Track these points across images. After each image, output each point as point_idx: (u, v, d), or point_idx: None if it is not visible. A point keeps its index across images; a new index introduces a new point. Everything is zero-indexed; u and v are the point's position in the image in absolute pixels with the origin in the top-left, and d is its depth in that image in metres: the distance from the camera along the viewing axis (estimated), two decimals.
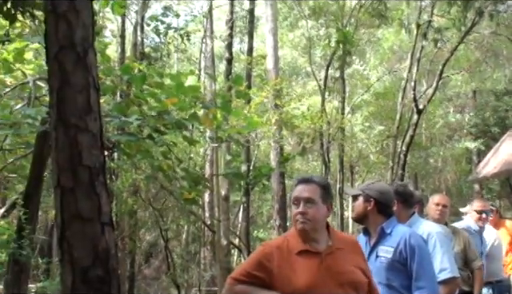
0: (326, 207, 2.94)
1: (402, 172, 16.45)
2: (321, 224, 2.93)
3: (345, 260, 2.89)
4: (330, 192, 2.99)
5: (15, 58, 6.80)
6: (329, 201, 2.96)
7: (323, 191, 2.95)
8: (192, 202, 7.64)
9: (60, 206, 3.04)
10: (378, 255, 3.64)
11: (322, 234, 2.93)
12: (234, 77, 6.66)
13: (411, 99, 17.15)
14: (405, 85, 18.52)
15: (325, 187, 2.97)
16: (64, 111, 3.02)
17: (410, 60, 17.52)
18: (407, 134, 16.74)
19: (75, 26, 3.04)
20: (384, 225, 3.66)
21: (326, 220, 2.98)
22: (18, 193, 10.15)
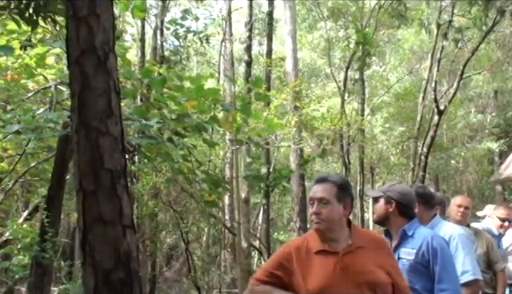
0: (343, 206, 2.87)
1: (422, 173, 16.30)
2: (337, 224, 2.87)
3: (365, 259, 2.81)
4: (347, 191, 2.91)
5: (37, 63, 6.87)
6: (346, 200, 2.89)
7: (339, 190, 2.89)
8: (212, 204, 7.66)
9: (82, 209, 3.06)
10: (399, 257, 3.60)
11: (341, 233, 2.88)
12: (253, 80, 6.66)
13: (432, 100, 17.01)
14: (425, 86, 18.37)
15: (341, 185, 2.90)
16: (85, 115, 3.04)
17: (431, 60, 17.38)
18: (428, 135, 16.59)
19: (96, 30, 3.06)
20: (406, 227, 3.62)
21: (344, 219, 2.90)
22: (40, 197, 10.25)
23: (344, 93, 18.39)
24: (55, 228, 7.25)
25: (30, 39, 6.34)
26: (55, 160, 7.45)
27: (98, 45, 3.06)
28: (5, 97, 8.67)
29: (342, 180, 2.97)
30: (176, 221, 14.63)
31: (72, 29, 3.09)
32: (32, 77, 7.33)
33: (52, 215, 7.06)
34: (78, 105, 3.06)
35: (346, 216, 2.91)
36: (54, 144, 7.83)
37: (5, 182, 9.37)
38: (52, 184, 7.38)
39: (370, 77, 23.57)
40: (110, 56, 3.11)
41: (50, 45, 6.54)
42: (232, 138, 8.10)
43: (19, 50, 6.46)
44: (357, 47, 17.01)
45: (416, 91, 21.82)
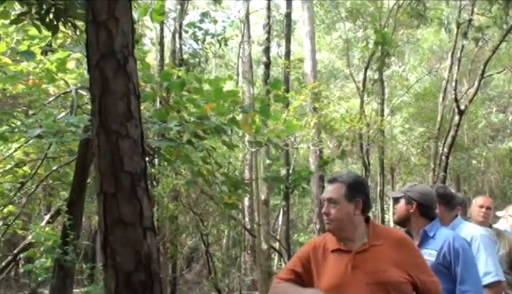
0: (354, 205, 2.83)
1: (443, 174, 16.13)
2: (347, 223, 2.84)
3: (379, 258, 2.76)
4: (358, 189, 2.86)
5: (58, 68, 6.95)
6: (357, 199, 2.84)
7: (348, 189, 2.85)
8: (232, 207, 7.66)
9: (103, 211, 3.09)
10: None
11: (356, 232, 2.85)
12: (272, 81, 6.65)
13: (452, 99, 16.83)
14: (445, 86, 18.21)
15: (351, 184, 2.86)
16: (105, 118, 3.07)
17: (451, 60, 17.22)
18: (449, 135, 16.41)
19: (115, 34, 3.09)
20: (427, 228, 3.59)
21: (358, 218, 2.85)
22: (62, 200, 10.36)
23: (363, 93, 18.28)
24: (77, 230, 7.33)
25: (51, 44, 6.41)
26: (76, 163, 7.53)
27: (117, 49, 3.09)
28: (26, 101, 8.79)
29: (353, 178, 2.90)
30: (196, 223, 14.67)
31: (92, 34, 3.12)
32: (53, 82, 7.41)
33: (74, 218, 7.14)
34: (98, 108, 3.09)
35: (357, 214, 2.85)
36: (75, 148, 7.91)
37: (27, 186, 9.49)
38: (73, 187, 7.46)
39: (390, 78, 23.42)
40: (130, 59, 3.14)
41: (71, 49, 6.61)
42: (251, 140, 8.10)
43: (40, 55, 6.54)
44: (376, 47, 16.90)
45: (436, 91, 21.64)
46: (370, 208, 2.94)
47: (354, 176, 2.93)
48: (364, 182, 2.96)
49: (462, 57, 16.62)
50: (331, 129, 14.70)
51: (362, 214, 2.88)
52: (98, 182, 3.11)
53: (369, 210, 2.92)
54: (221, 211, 14.46)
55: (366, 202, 2.88)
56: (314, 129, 13.45)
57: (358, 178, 2.95)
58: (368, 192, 2.93)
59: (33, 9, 4.38)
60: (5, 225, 9.36)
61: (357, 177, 2.94)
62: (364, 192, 2.89)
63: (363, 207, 2.86)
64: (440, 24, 18.12)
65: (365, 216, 2.90)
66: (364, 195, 2.88)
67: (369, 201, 2.91)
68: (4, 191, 9.51)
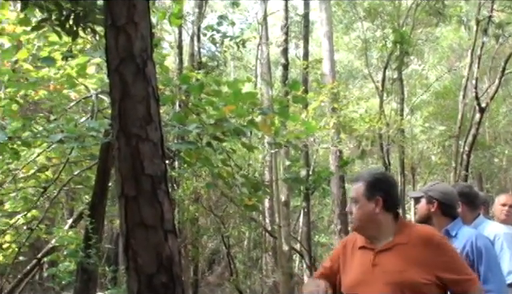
0: (374, 203, 2.81)
1: (465, 172, 15.96)
2: (369, 222, 2.82)
3: (401, 257, 2.71)
4: (377, 187, 2.83)
5: (78, 73, 7.01)
6: (376, 197, 2.81)
7: (368, 187, 2.84)
8: (252, 208, 7.66)
9: (124, 214, 3.11)
10: None
11: (381, 230, 2.82)
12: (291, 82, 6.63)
13: (473, 97, 16.66)
14: (466, 84, 18.01)
15: (371, 182, 2.84)
16: (125, 122, 3.09)
17: (471, 57, 17.03)
18: (470, 134, 16.23)
19: (134, 38, 3.11)
20: (449, 227, 3.56)
21: (381, 216, 2.81)
22: (84, 204, 10.44)
23: (382, 93, 18.18)
24: (99, 234, 7.37)
25: (71, 50, 6.48)
26: (98, 167, 7.58)
27: (136, 53, 3.11)
28: (48, 107, 8.87)
29: (373, 176, 2.88)
30: (217, 226, 14.72)
31: (111, 38, 3.14)
32: (74, 87, 7.48)
33: (96, 221, 7.17)
34: (118, 112, 3.11)
35: (380, 213, 2.81)
36: (96, 152, 7.97)
37: (50, 191, 9.57)
38: (95, 191, 7.51)
39: (409, 77, 23.25)
40: (149, 63, 3.16)
41: (90, 55, 6.67)
42: (271, 141, 8.09)
43: (61, 61, 6.61)
44: (394, 46, 16.79)
45: (456, 89, 21.43)
46: (396, 205, 2.88)
47: (375, 174, 2.90)
48: (385, 179, 2.89)
49: (482, 54, 16.43)
50: (351, 129, 14.61)
51: (388, 212, 2.83)
52: (119, 185, 3.13)
53: (395, 207, 2.86)
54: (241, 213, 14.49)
55: (388, 200, 2.83)
56: (334, 129, 13.40)
57: (379, 176, 2.90)
58: (390, 189, 2.87)
59: (53, 16, 4.43)
60: (29, 230, 9.46)
61: (377, 175, 2.90)
62: (384, 190, 2.84)
63: (384, 205, 2.82)
64: (459, 21, 17.93)
65: (392, 213, 2.85)
66: (384, 192, 2.83)
67: (392, 199, 2.85)
68: (27, 196, 9.61)
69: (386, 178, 2.91)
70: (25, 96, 7.66)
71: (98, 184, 7.48)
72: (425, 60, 24.40)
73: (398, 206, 2.91)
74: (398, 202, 2.90)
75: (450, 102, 22.14)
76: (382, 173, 2.98)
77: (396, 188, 2.93)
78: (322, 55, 16.27)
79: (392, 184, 2.90)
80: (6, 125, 6.47)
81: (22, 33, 6.70)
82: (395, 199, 2.87)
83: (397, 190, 2.94)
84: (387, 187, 2.87)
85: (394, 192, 2.89)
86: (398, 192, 2.95)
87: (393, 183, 2.92)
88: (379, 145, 17.99)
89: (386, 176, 2.95)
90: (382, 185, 2.85)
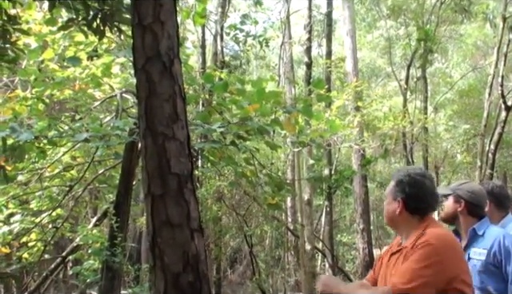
0: (398, 202, 2.84)
1: (490, 171, 15.73)
2: (394, 221, 2.89)
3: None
4: (403, 187, 2.85)
5: (103, 73, 7.06)
6: (400, 197, 2.84)
7: (395, 186, 2.88)
8: (275, 207, 7.65)
9: (151, 213, 3.11)
10: (470, 257, 3.49)
11: (405, 232, 2.86)
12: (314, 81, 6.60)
13: (498, 95, 16.41)
14: (491, 82, 17.74)
15: (398, 182, 2.87)
16: (152, 120, 3.09)
17: (496, 55, 16.76)
18: (495, 132, 15.99)
19: (160, 37, 3.11)
20: (476, 226, 3.52)
21: (404, 216, 2.84)
22: (108, 203, 10.52)
23: (406, 91, 18.04)
24: (124, 232, 7.42)
25: (96, 50, 6.52)
26: (122, 166, 7.63)
27: (162, 52, 3.11)
28: (73, 106, 8.95)
29: (401, 175, 2.89)
30: (239, 225, 14.72)
31: (138, 37, 3.15)
32: (98, 87, 7.54)
33: (120, 220, 7.23)
34: (144, 111, 3.11)
35: (402, 214, 2.84)
36: (120, 151, 8.02)
37: (74, 189, 9.65)
38: (119, 190, 7.56)
39: (433, 75, 23.03)
40: (175, 62, 3.16)
41: (115, 54, 6.71)
42: (294, 140, 8.06)
43: (86, 61, 6.66)
44: (418, 44, 16.65)
45: (481, 87, 21.16)
46: (419, 208, 2.84)
47: (403, 174, 2.90)
48: (411, 181, 2.86)
49: (508, 51, 16.18)
50: (374, 127, 14.51)
51: (411, 214, 2.83)
52: (146, 184, 3.13)
53: (418, 211, 2.84)
54: (264, 212, 14.47)
55: (409, 202, 2.83)
56: (357, 128, 13.32)
57: (405, 177, 2.88)
58: (414, 192, 2.84)
59: (80, 16, 4.46)
60: (54, 228, 9.56)
61: (404, 175, 2.89)
62: (407, 192, 2.83)
63: (406, 206, 2.83)
64: (485, 18, 17.69)
65: (417, 215, 2.84)
66: (406, 194, 2.83)
67: (415, 202, 2.83)
68: (52, 195, 9.71)
69: (414, 180, 2.85)
70: (51, 95, 7.74)
71: (122, 183, 7.53)
72: (449, 58, 24.16)
73: (426, 209, 2.85)
74: (423, 205, 2.84)
75: (474, 100, 21.86)
76: (409, 175, 2.88)
77: (424, 191, 2.84)
78: (345, 54, 16.21)
79: (419, 187, 2.84)
80: (33, 124, 6.53)
81: (48, 33, 6.76)
82: (419, 202, 2.82)
83: (425, 193, 2.84)
84: (411, 189, 2.84)
85: (420, 194, 2.83)
86: (426, 195, 2.86)
87: (420, 185, 2.85)
88: (402, 144, 17.86)
89: (414, 179, 2.87)
90: (405, 187, 2.85)
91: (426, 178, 2.88)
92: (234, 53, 14.79)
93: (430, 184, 2.88)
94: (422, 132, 17.72)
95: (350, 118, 13.34)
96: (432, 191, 2.87)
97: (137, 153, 7.29)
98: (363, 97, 14.76)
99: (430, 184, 2.87)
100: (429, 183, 2.88)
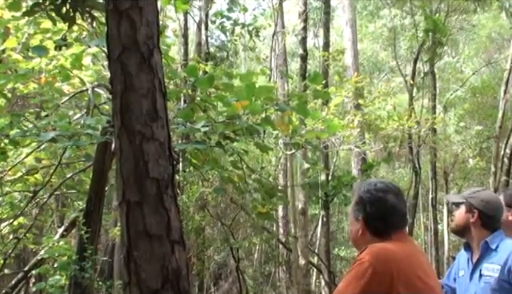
0: (359, 221, 2.80)
1: (506, 178, 15.85)
2: (358, 243, 2.83)
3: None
4: (363, 205, 2.79)
5: (73, 64, 7.02)
6: (361, 216, 2.79)
7: (355, 205, 2.84)
8: (265, 217, 7.66)
9: (126, 223, 3.09)
10: (481, 274, 3.50)
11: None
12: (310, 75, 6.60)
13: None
14: (507, 78, 17.88)
15: (358, 199, 2.83)
16: (128, 118, 3.08)
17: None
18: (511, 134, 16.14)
19: (138, 25, 3.10)
20: (488, 239, 3.52)
21: (361, 239, 2.79)
22: (77, 211, 10.49)
23: (412, 88, 18.13)
24: (94, 244, 7.40)
25: (65, 38, 6.49)
26: (93, 170, 7.61)
27: (141, 41, 3.10)
28: (38, 102, 8.90)
29: (361, 192, 2.85)
30: (225, 236, 14.72)
31: (112, 25, 3.14)
32: (67, 80, 7.49)
33: (91, 230, 7.20)
34: (119, 107, 3.10)
35: (364, 236, 2.80)
36: (91, 152, 8.00)
37: (39, 195, 9.61)
38: (90, 196, 7.54)
39: (442, 70, 23.17)
40: (155, 52, 3.15)
41: (87, 43, 6.69)
42: (287, 142, 8.07)
43: (53, 51, 6.62)
44: (426, 36, 16.75)
45: (495, 84, 21.31)
46: (384, 230, 2.77)
47: (363, 190, 2.85)
48: (371, 198, 2.80)
49: None
50: (376, 128, 14.57)
51: (375, 235, 2.77)
52: (120, 190, 3.12)
53: (381, 232, 2.77)
54: (253, 222, 14.48)
55: (369, 222, 2.79)
56: (358, 128, 13.36)
57: (365, 193, 2.83)
58: (374, 211, 2.78)
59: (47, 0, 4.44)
60: (15, 239, 9.51)
61: (364, 192, 2.84)
62: (367, 211, 2.79)
63: (367, 227, 2.78)
64: (500, 7, 17.84)
65: (381, 237, 2.77)
66: (365, 213, 2.80)
67: (375, 222, 2.78)
68: (14, 201, 9.66)
69: (374, 197, 2.78)
70: (13, 89, 7.70)
71: (93, 189, 7.52)
72: (460, 51, 24.33)
73: (389, 229, 2.78)
74: (385, 225, 2.76)
75: (488, 99, 22.02)
76: (368, 191, 2.82)
77: (386, 209, 2.77)
78: (345, 45, 16.28)
79: (380, 204, 2.77)
80: None
81: (10, 19, 6.72)
82: (381, 221, 2.76)
83: (388, 211, 2.77)
84: (371, 207, 2.78)
85: (382, 213, 2.77)
86: (388, 213, 2.77)
87: (382, 202, 2.78)
88: (408, 147, 17.94)
89: (375, 195, 2.80)
90: (365, 205, 2.80)
91: (388, 193, 2.80)
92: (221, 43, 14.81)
93: (393, 200, 2.79)
94: (429, 133, 17.79)
95: (350, 117, 13.36)
96: (397, 207, 2.79)
97: (110, 155, 7.27)
98: (364, 94, 14.80)
99: (394, 201, 2.79)
100: (392, 198, 2.79)
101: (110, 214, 13.97)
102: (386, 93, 15.07)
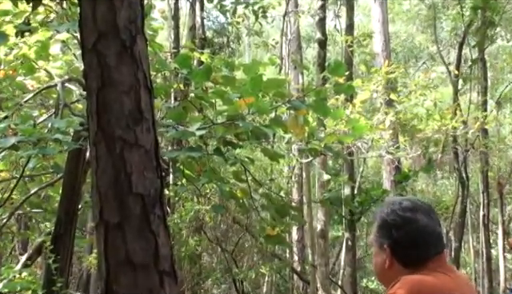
0: (385, 250, 2.77)
1: None
2: (386, 277, 2.78)
3: None
4: (388, 229, 2.77)
5: (38, 54, 7.05)
6: (386, 243, 2.77)
7: (378, 230, 2.83)
8: (276, 241, 7.64)
9: (104, 249, 3.11)
10: None
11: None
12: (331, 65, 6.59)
13: None
14: None
15: (382, 223, 2.81)
16: (106, 120, 3.10)
17: None
18: None
19: (118, 5, 3.12)
20: None
21: (389, 271, 2.76)
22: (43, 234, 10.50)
23: (457, 79, 18.11)
24: (65, 275, 7.41)
25: (29, 22, 6.52)
26: (63, 184, 7.63)
27: (121, 26, 3.12)
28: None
29: (384, 214, 2.83)
30: (226, 265, 14.74)
31: (86, 6, 3.16)
32: (31, 73, 7.52)
33: (60, 258, 7.21)
34: (96, 107, 3.12)
35: (392, 266, 2.77)
36: (61, 162, 8.02)
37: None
38: (59, 216, 7.55)
39: (494, 56, 23.16)
40: (138, 39, 3.17)
41: (55, 28, 6.71)
42: (302, 147, 8.09)
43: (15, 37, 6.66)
44: (474, 14, 16.72)
45: None
46: (416, 257, 2.74)
47: (387, 212, 2.82)
48: (398, 221, 2.77)
49: None
50: (413, 129, 14.54)
51: (406, 265, 2.74)
52: (97, 209, 3.14)
53: (413, 261, 2.74)
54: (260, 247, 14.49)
55: (397, 250, 2.76)
56: (390, 130, 13.36)
57: (390, 215, 2.80)
58: (403, 236, 2.75)
59: None
60: None
61: (388, 213, 2.81)
62: (394, 237, 2.77)
63: (395, 256, 2.76)
64: None
65: (413, 267, 2.74)
66: (392, 240, 2.77)
67: (405, 249, 2.75)
68: None
69: (402, 218, 2.75)
70: None
71: (63, 207, 7.53)
72: None
73: (422, 257, 2.76)
74: (417, 252, 2.72)
75: None
76: (394, 211, 2.79)
77: (418, 231, 2.72)
78: (373, 27, 16.27)
79: (409, 227, 2.74)
80: None
81: None
82: (412, 248, 2.72)
83: (419, 234, 2.73)
84: (399, 231, 2.75)
85: (412, 237, 2.74)
86: (421, 237, 2.72)
87: (411, 224, 2.75)
88: (453, 153, 17.91)
89: (402, 216, 2.77)
90: (391, 229, 2.77)
91: (418, 212, 2.77)
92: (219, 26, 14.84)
93: (425, 219, 2.77)
94: (479, 135, 17.78)
95: (380, 117, 13.37)
96: (430, 229, 2.76)
97: (84, 166, 7.30)
98: (398, 88, 14.78)
99: (425, 221, 2.76)
100: (424, 218, 2.76)
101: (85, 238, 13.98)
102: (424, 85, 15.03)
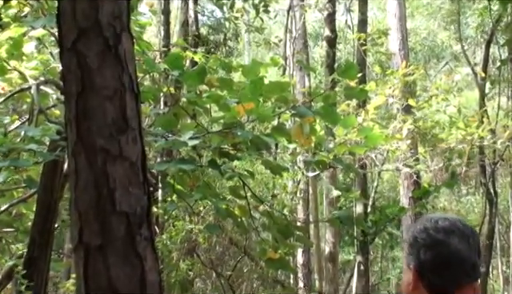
0: (411, 270, 2.78)
1: None
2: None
3: None
4: (415, 248, 2.78)
5: (10, 53, 7.06)
6: (412, 264, 2.77)
7: (408, 248, 2.82)
8: (278, 265, 7.62)
9: (83, 275, 3.10)
10: None
11: None
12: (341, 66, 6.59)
13: None
14: None
15: (412, 241, 2.81)
16: (87, 128, 3.09)
17: None
18: None
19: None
20: None
21: (414, 291, 2.76)
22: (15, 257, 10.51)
23: (484, 82, 18.13)
24: None
25: (0, 17, 6.53)
26: (37, 200, 7.62)
27: (104, 22, 3.12)
28: None
29: (416, 232, 2.82)
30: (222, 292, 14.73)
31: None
32: (2, 75, 7.53)
33: (35, 285, 7.20)
34: (75, 114, 3.11)
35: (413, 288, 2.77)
36: (35, 175, 8.01)
37: None
38: (33, 237, 7.54)
39: None
40: (123, 37, 3.17)
41: (29, 24, 6.72)
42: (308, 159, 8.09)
43: None
44: (503, 8, 16.76)
45: None
46: (442, 284, 2.74)
47: (419, 230, 2.82)
48: (428, 241, 2.76)
49: None
50: (434, 139, 14.57)
51: (432, 290, 2.75)
52: (76, 229, 3.13)
53: (439, 286, 2.74)
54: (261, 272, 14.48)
55: (424, 273, 2.76)
56: (408, 139, 13.37)
57: (421, 233, 2.80)
58: (431, 258, 2.75)
59: None
60: None
61: (420, 231, 2.81)
62: (421, 258, 2.76)
63: (421, 279, 2.75)
64: None
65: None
66: (419, 261, 2.77)
67: (432, 273, 2.74)
68: None
69: (433, 239, 2.75)
70: None
71: (37, 227, 7.52)
72: None
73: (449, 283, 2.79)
74: (444, 279, 2.76)
75: None
76: (426, 230, 2.79)
77: (447, 256, 2.69)
78: (389, 24, 16.30)
79: (439, 250, 2.74)
80: None
81: None
82: (440, 273, 2.76)
83: (449, 259, 2.72)
84: (428, 253, 2.76)
85: (441, 261, 2.72)
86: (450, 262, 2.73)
87: (442, 247, 2.75)
88: (479, 166, 17.91)
89: (434, 237, 2.77)
90: (419, 250, 2.78)
91: (453, 235, 2.75)
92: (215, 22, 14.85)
93: (458, 245, 2.74)
94: (509, 146, 17.79)
95: (397, 125, 13.38)
96: (462, 256, 2.73)
97: (62, 180, 7.29)
98: (417, 92, 14.80)
99: (458, 247, 2.74)
100: (457, 243, 2.74)
101: (62, 262, 13.98)
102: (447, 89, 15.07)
